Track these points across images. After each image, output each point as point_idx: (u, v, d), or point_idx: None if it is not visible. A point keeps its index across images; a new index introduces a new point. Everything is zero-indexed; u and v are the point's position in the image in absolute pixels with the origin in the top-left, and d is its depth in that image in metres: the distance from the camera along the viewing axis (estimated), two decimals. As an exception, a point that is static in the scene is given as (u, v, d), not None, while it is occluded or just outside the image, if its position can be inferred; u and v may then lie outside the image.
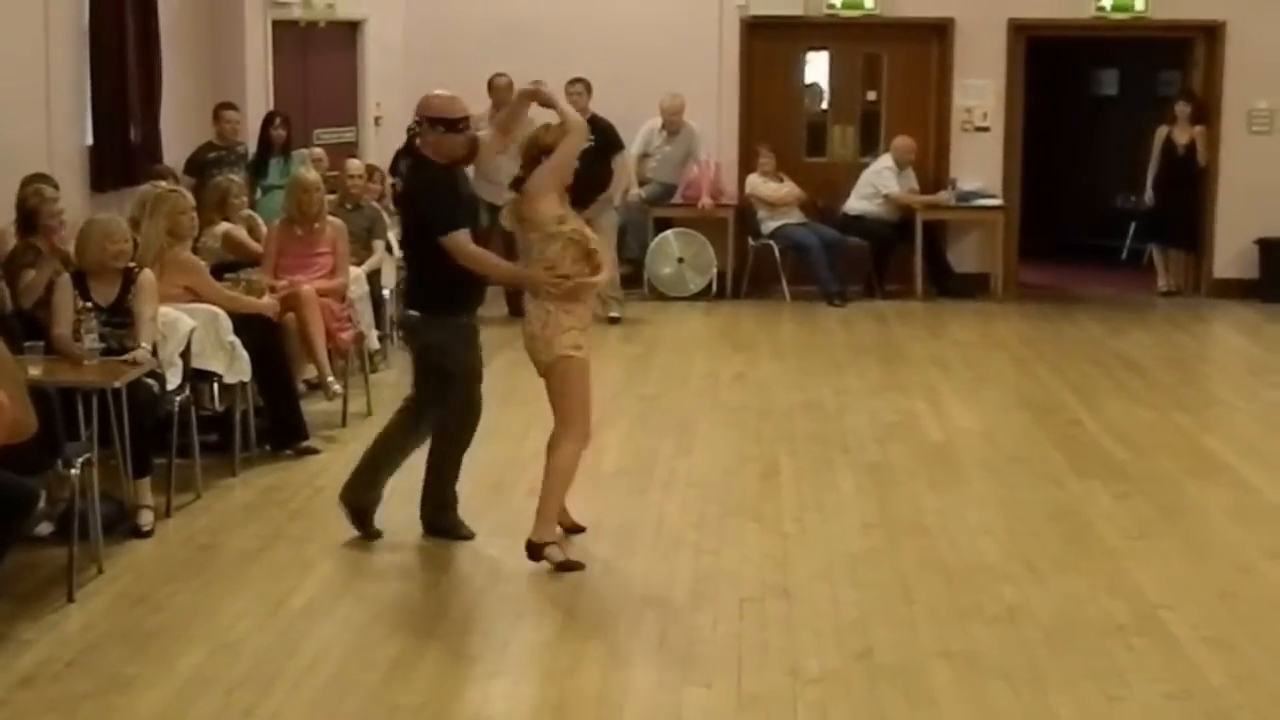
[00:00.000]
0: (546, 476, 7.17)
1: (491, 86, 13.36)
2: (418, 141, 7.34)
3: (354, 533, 7.52)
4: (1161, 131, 15.18)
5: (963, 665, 6.02)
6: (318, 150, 12.79)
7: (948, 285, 15.01)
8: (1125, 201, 16.59)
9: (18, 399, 3.42)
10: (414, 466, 7.56)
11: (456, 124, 7.23)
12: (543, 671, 6.01)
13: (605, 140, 13.21)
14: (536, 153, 7.07)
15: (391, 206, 12.47)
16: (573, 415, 7.14)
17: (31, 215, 8.71)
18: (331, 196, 10.85)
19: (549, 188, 7.06)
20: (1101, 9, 14.91)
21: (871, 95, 15.70)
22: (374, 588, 6.94)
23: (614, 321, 13.23)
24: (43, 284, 8.23)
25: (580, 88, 13.48)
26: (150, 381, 7.62)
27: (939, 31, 15.12)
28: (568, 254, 7.02)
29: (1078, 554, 7.42)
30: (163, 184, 9.32)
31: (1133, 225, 16.46)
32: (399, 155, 12.11)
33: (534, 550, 7.07)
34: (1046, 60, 16.25)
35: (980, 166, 15.15)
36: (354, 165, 11.70)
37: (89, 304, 7.57)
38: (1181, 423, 10.06)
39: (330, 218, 10.16)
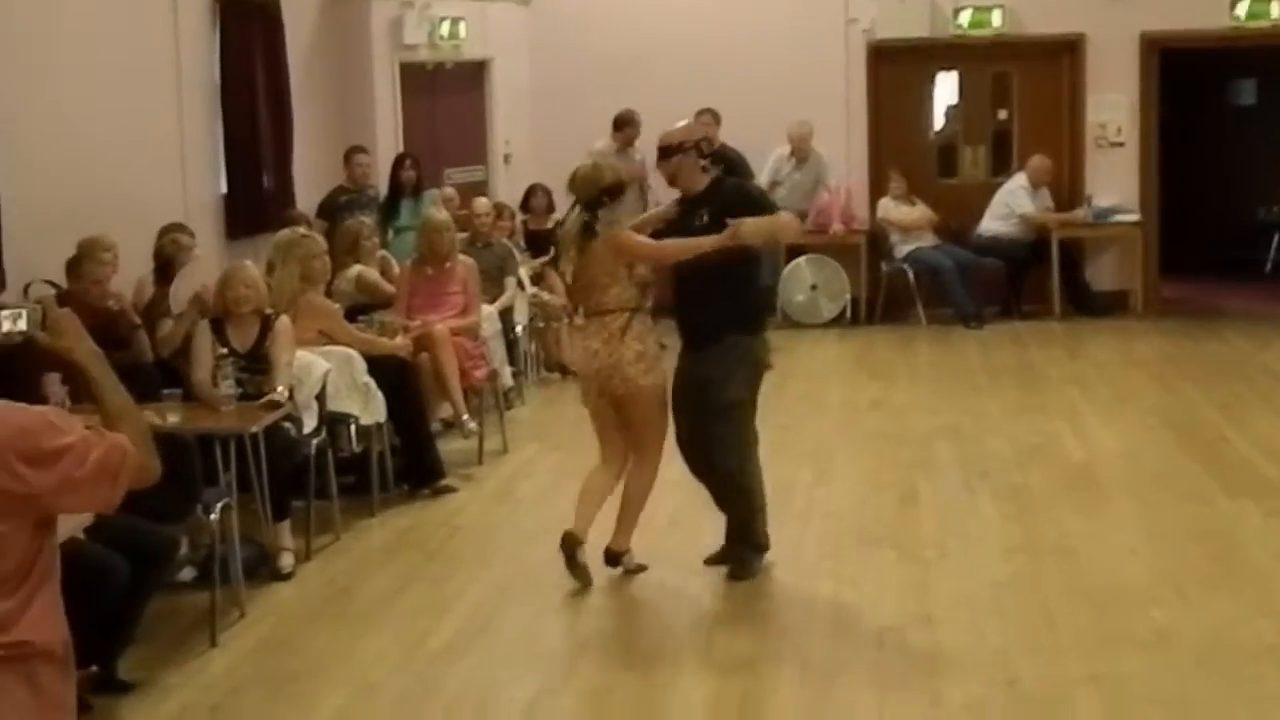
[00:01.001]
0: (634, 498, 7.39)
1: (626, 121, 13.51)
2: None
3: (488, 572, 7.59)
4: (1303, 139, 14.90)
5: (1111, 691, 5.90)
6: (449, 190, 12.88)
7: (1086, 304, 14.78)
8: (1267, 213, 16.26)
9: (140, 444, 3.46)
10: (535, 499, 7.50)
11: (661, 151, 7.43)
12: (684, 702, 5.96)
13: (735, 171, 13.18)
14: (598, 193, 7.22)
15: (521, 243, 12.56)
16: (660, 439, 7.38)
17: (168, 264, 8.87)
18: (462, 235, 10.91)
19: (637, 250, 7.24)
20: (1236, 18, 14.61)
21: (1003, 114, 15.51)
22: (511, 627, 6.92)
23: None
24: (181, 334, 8.34)
25: (708, 117, 13.45)
26: (287, 425, 7.68)
27: (1069, 48, 14.92)
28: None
29: (1227, 574, 7.25)
30: (298, 229, 9.42)
31: (1276, 237, 16.13)
32: None
33: (613, 557, 7.39)
34: (1182, 72, 15.99)
35: (1116, 182, 14.90)
36: (481, 204, 11.77)
37: (225, 350, 7.67)
38: (1333, 437, 9.82)
39: (461, 256, 10.21)
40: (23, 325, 3.51)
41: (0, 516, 3.32)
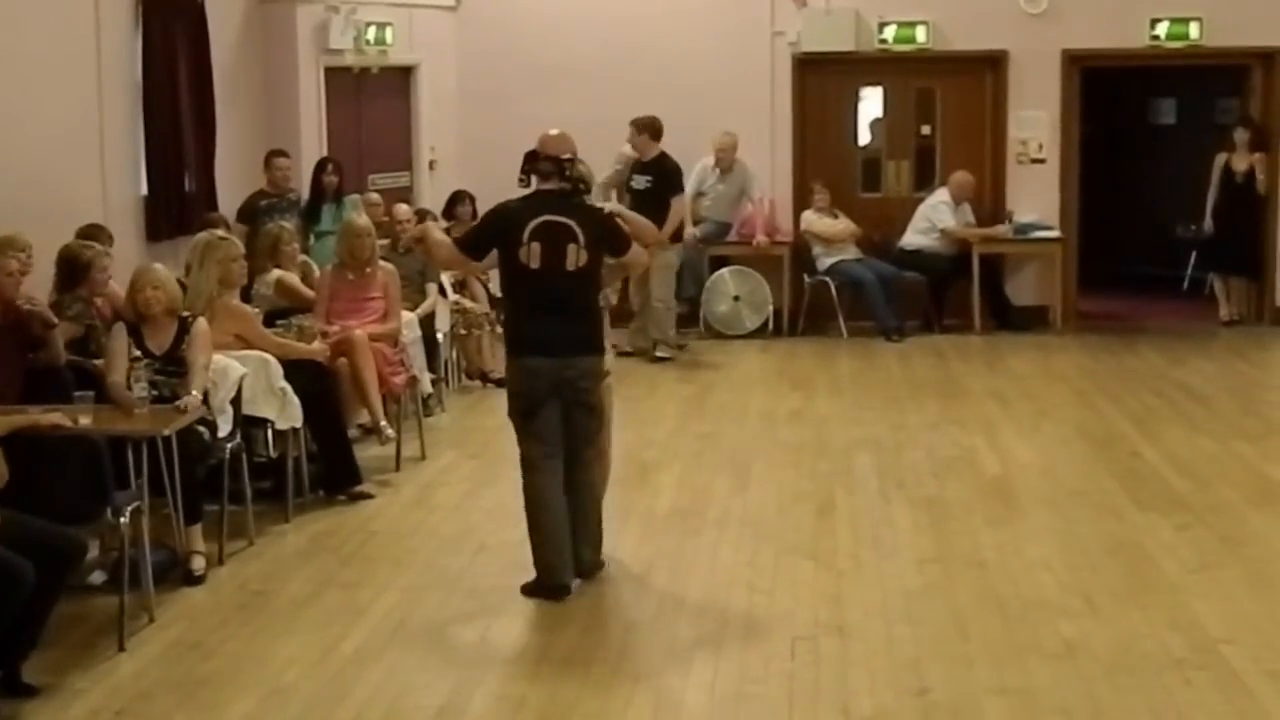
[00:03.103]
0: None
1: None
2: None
3: (402, 578, 7.55)
4: (1220, 159, 15.03)
5: (1019, 702, 5.95)
6: (373, 195, 12.82)
7: (1006, 318, 14.89)
8: (1185, 230, 16.41)
9: None
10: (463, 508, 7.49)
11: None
12: (594, 713, 5.96)
13: (667, 181, 13.21)
14: None
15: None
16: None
17: (73, 270, 8.62)
18: (384, 241, 10.87)
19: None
20: (1156, 38, 14.76)
21: (926, 129, 15.59)
22: (423, 633, 6.90)
23: (658, 361, 13.18)
24: (73, 333, 8.27)
25: (637, 131, 13.46)
26: (201, 429, 7.63)
27: (992, 64, 15.03)
28: None
29: (1137, 587, 7.31)
30: (216, 231, 9.34)
31: (1193, 254, 16.30)
32: None
33: None
34: (1103, 90, 16.13)
35: (1037, 198, 15.01)
36: (402, 210, 11.76)
37: (140, 353, 7.60)
38: (1244, 452, 9.92)
39: (382, 262, 10.17)
40: None
41: None
